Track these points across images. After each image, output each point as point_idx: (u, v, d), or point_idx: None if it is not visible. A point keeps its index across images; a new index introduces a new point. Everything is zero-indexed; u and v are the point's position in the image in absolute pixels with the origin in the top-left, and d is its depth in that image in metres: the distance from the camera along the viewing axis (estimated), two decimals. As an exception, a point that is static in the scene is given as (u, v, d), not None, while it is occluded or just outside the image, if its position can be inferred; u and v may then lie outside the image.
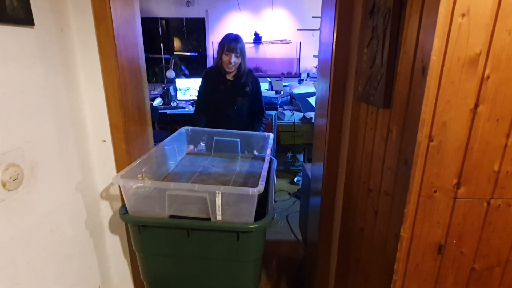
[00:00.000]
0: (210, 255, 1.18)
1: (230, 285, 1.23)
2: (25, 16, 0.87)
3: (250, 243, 1.14)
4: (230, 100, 2.09)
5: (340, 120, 1.27)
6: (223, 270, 1.21)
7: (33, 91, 0.92)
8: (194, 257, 1.19)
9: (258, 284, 1.29)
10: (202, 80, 2.16)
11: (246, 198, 1.08)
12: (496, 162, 0.70)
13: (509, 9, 0.61)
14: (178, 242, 1.17)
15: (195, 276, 1.24)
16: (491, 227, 0.76)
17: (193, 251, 1.18)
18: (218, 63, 2.06)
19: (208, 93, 2.13)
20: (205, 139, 1.80)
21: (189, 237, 1.13)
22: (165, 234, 1.16)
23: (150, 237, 1.17)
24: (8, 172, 0.81)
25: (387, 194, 0.86)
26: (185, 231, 1.13)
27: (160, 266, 1.25)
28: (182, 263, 1.22)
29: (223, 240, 1.13)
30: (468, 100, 0.66)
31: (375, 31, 0.91)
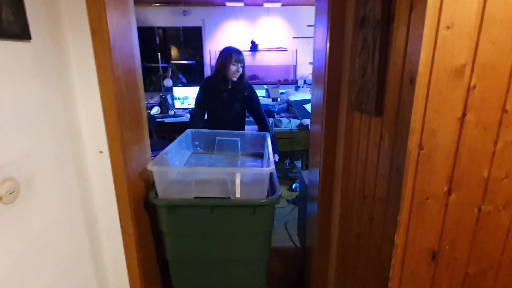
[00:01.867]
0: (230, 230, 1.37)
1: (246, 257, 1.44)
2: (22, 30, 0.89)
3: (263, 217, 1.35)
4: (228, 106, 2.24)
5: (334, 128, 1.29)
6: (241, 243, 1.41)
7: (29, 104, 0.93)
8: (216, 232, 1.39)
9: (268, 256, 1.48)
10: (201, 89, 2.27)
11: (260, 177, 1.35)
12: (485, 168, 0.72)
13: (492, 21, 0.64)
14: (202, 220, 1.35)
15: (215, 251, 1.43)
16: (483, 232, 0.77)
17: (216, 227, 1.37)
18: (222, 72, 2.18)
19: (208, 101, 2.24)
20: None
21: (213, 214, 1.33)
22: (191, 213, 1.35)
23: (178, 217, 1.35)
24: (4, 186, 0.82)
25: (381, 201, 0.87)
26: (209, 209, 1.32)
27: (185, 244, 1.43)
28: (205, 239, 1.41)
29: (241, 215, 1.33)
30: (456, 109, 0.68)
31: (366, 41, 0.93)
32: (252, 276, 1.49)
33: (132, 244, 1.38)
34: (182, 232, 1.39)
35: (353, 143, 1.13)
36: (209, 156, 1.90)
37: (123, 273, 1.43)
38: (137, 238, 1.39)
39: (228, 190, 1.33)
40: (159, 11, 5.34)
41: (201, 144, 2.00)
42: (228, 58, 2.17)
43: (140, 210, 1.43)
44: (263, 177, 1.35)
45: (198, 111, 2.27)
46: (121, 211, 1.33)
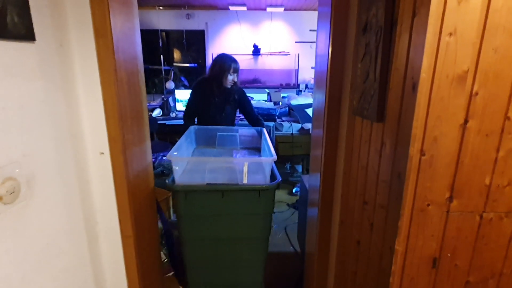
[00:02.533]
0: (238, 211, 1.60)
1: (250, 235, 1.68)
2: (26, 32, 0.89)
3: (266, 200, 1.59)
4: (219, 108, 2.41)
5: (336, 133, 1.29)
6: (246, 223, 1.64)
7: (32, 105, 0.93)
8: (225, 214, 1.61)
9: (269, 235, 1.72)
10: (195, 90, 2.42)
11: (265, 165, 1.59)
12: (487, 175, 0.72)
13: (495, 29, 0.64)
14: (214, 203, 1.58)
15: (224, 231, 1.66)
16: (484, 240, 0.76)
17: (225, 209, 1.59)
18: (219, 78, 2.30)
19: (200, 102, 2.38)
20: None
21: (223, 198, 1.55)
22: (204, 197, 1.57)
23: (193, 201, 1.56)
24: (5, 185, 0.82)
25: (381, 207, 0.87)
26: (220, 193, 1.54)
27: (199, 225, 1.64)
28: (216, 220, 1.63)
29: (248, 199, 1.57)
30: (458, 116, 0.68)
31: (368, 47, 0.93)
32: (255, 253, 1.74)
33: (131, 245, 1.38)
34: (196, 214, 1.60)
35: (354, 148, 1.13)
36: (211, 150, 2.09)
37: (121, 275, 1.42)
38: (136, 239, 1.39)
39: (237, 177, 1.56)
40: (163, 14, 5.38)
41: (203, 139, 2.19)
42: (227, 67, 2.29)
43: (139, 212, 1.43)
44: (267, 165, 1.59)
45: (191, 111, 2.42)
46: (120, 213, 1.32)
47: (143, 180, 1.49)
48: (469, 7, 0.63)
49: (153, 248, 1.67)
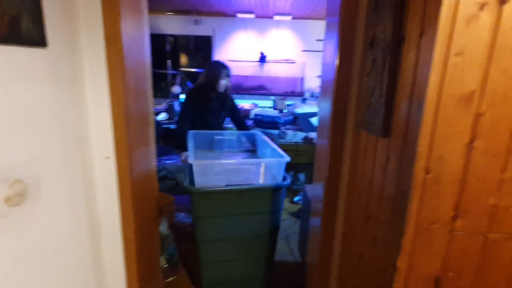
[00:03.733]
0: (252, 210, 1.71)
1: (262, 232, 1.80)
2: (39, 38, 0.91)
3: (278, 198, 1.73)
4: (216, 114, 2.54)
5: (341, 145, 1.29)
6: (259, 220, 1.76)
7: (41, 108, 0.95)
8: (242, 213, 1.70)
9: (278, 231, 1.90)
10: (190, 97, 2.50)
11: (278, 166, 1.70)
12: (493, 196, 0.71)
13: (503, 50, 0.64)
14: (231, 204, 1.66)
15: (238, 228, 1.75)
16: (489, 261, 0.76)
17: (242, 209, 1.69)
18: (213, 83, 2.42)
19: (196, 108, 2.47)
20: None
21: (240, 197, 1.65)
22: (223, 198, 1.65)
23: (212, 202, 1.64)
24: (13, 187, 0.83)
25: (385, 222, 0.86)
26: (237, 194, 1.64)
27: (216, 226, 1.71)
28: (232, 220, 1.72)
29: (262, 197, 1.70)
30: (464, 135, 0.68)
31: (375, 62, 0.94)
32: (263, 248, 1.86)
33: (132, 249, 1.38)
34: (215, 214, 1.69)
35: (358, 161, 1.13)
36: (211, 153, 2.19)
37: (121, 278, 1.42)
38: (138, 244, 1.39)
39: (252, 177, 1.70)
40: (171, 19, 5.44)
41: (200, 143, 2.27)
42: (220, 72, 2.44)
43: (142, 216, 1.44)
44: (282, 165, 1.71)
45: (187, 117, 2.47)
46: (123, 217, 1.33)
47: (147, 184, 1.50)
48: (478, 28, 0.63)
49: (153, 252, 1.67)
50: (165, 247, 2.11)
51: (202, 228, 1.69)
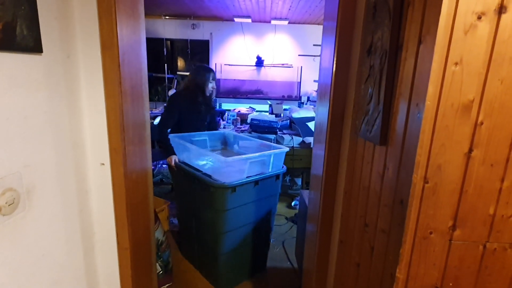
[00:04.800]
0: (263, 194, 2.04)
1: (267, 211, 2.16)
2: (34, 44, 0.90)
3: (280, 182, 2.16)
4: (204, 117, 2.65)
5: (337, 151, 1.29)
6: (267, 202, 2.12)
7: (36, 115, 0.93)
8: (255, 199, 2.00)
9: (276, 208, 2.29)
10: (174, 103, 2.53)
11: (281, 155, 2.12)
12: (491, 205, 0.71)
13: (501, 60, 0.64)
14: (248, 192, 1.94)
15: (251, 214, 2.04)
16: (488, 271, 0.75)
17: (255, 195, 1.99)
18: (201, 87, 2.48)
19: (185, 113, 2.49)
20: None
21: (255, 186, 1.96)
22: (244, 189, 1.90)
23: (236, 194, 1.86)
24: (5, 197, 0.81)
25: (383, 231, 0.86)
26: (254, 183, 1.94)
27: (237, 216, 1.94)
28: (249, 206, 1.99)
29: (270, 183, 2.07)
30: (462, 145, 0.68)
31: (373, 69, 0.94)
32: (266, 229, 2.23)
33: (127, 257, 1.36)
34: (238, 205, 1.90)
35: (355, 168, 1.12)
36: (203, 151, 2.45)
37: (115, 287, 1.40)
38: (133, 251, 1.37)
39: (264, 168, 2.03)
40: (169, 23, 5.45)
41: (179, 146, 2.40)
42: (208, 76, 2.51)
43: (137, 223, 1.42)
44: (283, 155, 2.12)
45: (171, 122, 2.48)
46: (118, 224, 1.31)
47: (142, 191, 1.48)
48: (476, 37, 0.63)
49: (148, 260, 1.65)
50: (160, 254, 2.08)
51: (227, 220, 1.89)
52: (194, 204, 2.12)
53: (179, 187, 2.34)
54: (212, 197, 1.85)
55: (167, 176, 4.26)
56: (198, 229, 2.17)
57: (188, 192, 2.17)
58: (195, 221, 2.18)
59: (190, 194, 2.15)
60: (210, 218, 1.95)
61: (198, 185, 1.99)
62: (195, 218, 2.18)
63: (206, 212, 1.99)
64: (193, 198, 2.11)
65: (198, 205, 2.07)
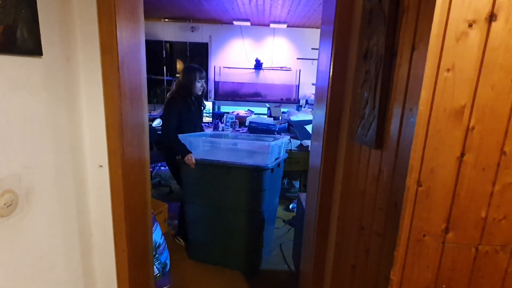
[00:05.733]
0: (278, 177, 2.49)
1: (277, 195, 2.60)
2: (34, 47, 0.91)
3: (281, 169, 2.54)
4: (199, 116, 2.71)
5: (334, 155, 1.30)
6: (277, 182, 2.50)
7: (35, 118, 0.94)
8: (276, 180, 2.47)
9: None
10: (175, 104, 2.50)
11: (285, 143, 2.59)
12: (483, 209, 0.72)
13: (492, 66, 0.65)
14: (275, 174, 2.35)
15: (275, 194, 2.50)
16: (480, 273, 0.76)
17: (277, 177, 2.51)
18: (188, 88, 2.50)
19: (182, 113, 2.50)
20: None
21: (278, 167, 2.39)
22: (276, 170, 2.32)
23: (272, 175, 2.26)
24: (3, 198, 0.82)
25: (378, 234, 0.87)
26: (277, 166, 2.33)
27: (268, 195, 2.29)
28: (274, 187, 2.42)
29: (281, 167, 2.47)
30: (455, 149, 0.69)
31: (368, 74, 0.95)
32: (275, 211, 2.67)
33: (124, 259, 1.36)
34: (269, 186, 2.23)
35: (352, 171, 1.13)
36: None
37: (113, 290, 1.40)
38: (130, 253, 1.38)
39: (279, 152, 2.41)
40: (168, 26, 5.47)
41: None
42: (193, 76, 2.50)
43: (134, 225, 1.42)
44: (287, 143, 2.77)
45: (173, 123, 2.49)
46: (115, 226, 1.31)
47: (140, 193, 1.49)
48: (467, 44, 0.65)
49: (146, 262, 1.65)
50: (157, 256, 2.08)
51: (263, 199, 2.22)
52: (226, 194, 2.27)
53: (197, 185, 2.36)
54: (256, 180, 2.12)
55: (165, 178, 4.26)
56: (228, 219, 2.32)
57: (216, 185, 2.28)
58: (223, 213, 2.32)
59: (219, 186, 2.27)
60: (248, 201, 2.20)
61: (236, 172, 2.18)
62: (222, 210, 2.32)
63: (243, 197, 2.21)
64: (224, 189, 2.26)
65: (232, 194, 2.25)
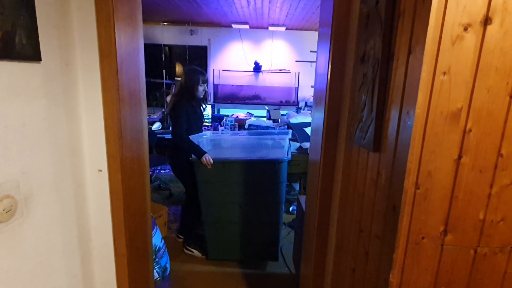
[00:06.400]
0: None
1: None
2: (33, 53, 0.91)
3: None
4: (202, 118, 2.73)
5: (333, 157, 1.30)
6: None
7: (34, 123, 0.94)
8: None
9: None
10: (183, 108, 2.49)
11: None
12: (481, 211, 0.72)
13: (487, 69, 0.66)
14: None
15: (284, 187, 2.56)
16: (479, 275, 0.76)
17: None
18: (191, 91, 2.49)
19: (189, 117, 2.50)
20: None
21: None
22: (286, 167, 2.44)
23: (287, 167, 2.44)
24: (2, 204, 0.82)
25: (377, 237, 0.87)
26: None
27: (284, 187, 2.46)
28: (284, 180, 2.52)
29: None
30: (452, 151, 0.70)
31: (366, 77, 0.96)
32: None
33: (124, 264, 1.36)
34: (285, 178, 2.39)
35: (350, 174, 1.14)
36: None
37: (112, 294, 1.40)
38: (130, 258, 1.37)
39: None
40: (167, 29, 5.49)
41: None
42: (196, 79, 2.49)
43: (134, 229, 1.42)
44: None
45: (185, 127, 2.48)
46: (115, 231, 1.31)
47: (140, 197, 1.49)
48: (463, 48, 0.65)
49: (146, 266, 1.65)
50: (157, 260, 2.08)
51: (282, 189, 2.39)
52: (246, 189, 2.35)
53: (215, 183, 2.39)
54: (276, 172, 2.28)
55: (165, 181, 4.26)
56: (247, 213, 2.41)
57: (236, 181, 2.35)
58: (242, 208, 2.40)
59: (238, 182, 2.34)
60: (268, 194, 2.35)
61: (256, 167, 2.31)
62: (242, 205, 2.39)
63: (263, 190, 2.34)
64: (244, 184, 2.34)
65: (252, 188, 2.34)
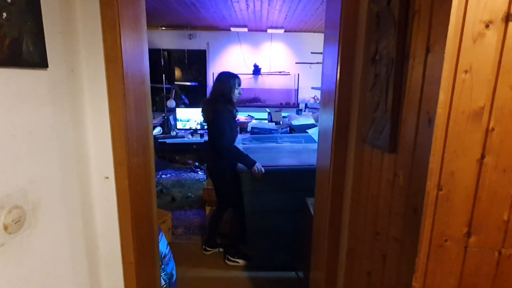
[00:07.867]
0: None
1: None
2: (40, 60, 0.89)
3: None
4: (237, 124, 2.67)
5: (343, 159, 1.28)
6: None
7: (41, 131, 0.92)
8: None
9: None
10: (224, 113, 2.40)
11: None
12: (505, 211, 0.71)
13: (509, 67, 0.64)
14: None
15: None
16: (504, 277, 0.74)
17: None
18: (227, 95, 2.42)
19: (230, 123, 2.44)
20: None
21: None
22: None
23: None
24: (11, 214, 0.80)
25: (396, 239, 0.85)
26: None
27: None
28: None
29: None
30: (474, 151, 0.68)
31: (378, 77, 0.94)
32: None
33: (132, 272, 1.34)
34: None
35: (363, 176, 1.12)
36: None
37: (121, 304, 1.37)
38: (138, 266, 1.35)
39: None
40: (166, 34, 5.48)
41: None
42: (232, 83, 2.44)
43: (141, 236, 1.40)
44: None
45: (230, 136, 2.39)
46: (123, 238, 1.29)
47: (147, 203, 1.46)
48: (484, 45, 0.64)
49: (153, 273, 1.63)
50: (163, 267, 2.05)
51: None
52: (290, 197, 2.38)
53: (261, 192, 2.41)
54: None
55: (167, 186, 4.23)
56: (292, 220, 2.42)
57: (281, 189, 2.40)
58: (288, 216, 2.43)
59: (283, 190, 2.39)
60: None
61: (301, 174, 2.33)
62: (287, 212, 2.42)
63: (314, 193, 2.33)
64: (288, 192, 2.39)
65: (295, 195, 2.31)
